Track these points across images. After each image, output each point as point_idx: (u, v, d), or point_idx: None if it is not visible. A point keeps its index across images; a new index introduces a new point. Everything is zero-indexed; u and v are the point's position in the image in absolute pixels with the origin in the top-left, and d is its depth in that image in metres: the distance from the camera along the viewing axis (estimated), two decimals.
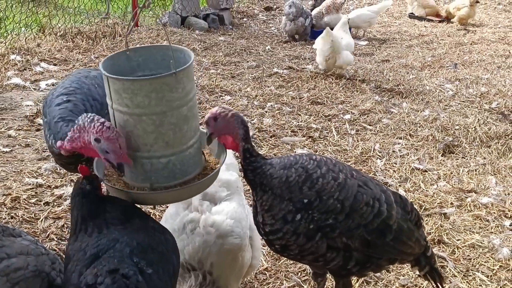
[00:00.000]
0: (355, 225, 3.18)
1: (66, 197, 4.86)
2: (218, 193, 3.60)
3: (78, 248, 2.77)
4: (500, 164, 6.06)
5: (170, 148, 3.05)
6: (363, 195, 3.22)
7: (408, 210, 3.49)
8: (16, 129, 6.07)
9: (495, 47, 11.00)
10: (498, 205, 5.25)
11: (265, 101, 7.52)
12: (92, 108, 3.50)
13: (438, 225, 4.92)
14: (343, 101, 7.72)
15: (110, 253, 2.66)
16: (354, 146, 6.37)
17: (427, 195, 5.40)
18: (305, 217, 3.12)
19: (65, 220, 4.56)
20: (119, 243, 2.70)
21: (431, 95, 8.15)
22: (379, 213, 3.25)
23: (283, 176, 3.15)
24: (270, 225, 3.19)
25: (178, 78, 2.93)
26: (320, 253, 3.20)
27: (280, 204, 3.15)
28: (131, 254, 2.66)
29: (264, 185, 3.17)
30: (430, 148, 6.40)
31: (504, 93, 8.21)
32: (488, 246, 4.68)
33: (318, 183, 3.15)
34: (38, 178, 5.11)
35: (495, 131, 6.79)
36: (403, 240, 3.35)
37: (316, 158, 3.29)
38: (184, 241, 3.39)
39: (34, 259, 2.78)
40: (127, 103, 2.92)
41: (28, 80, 7.45)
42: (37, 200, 4.81)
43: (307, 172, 3.18)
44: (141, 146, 3.02)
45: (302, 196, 3.13)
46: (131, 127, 2.98)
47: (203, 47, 9.99)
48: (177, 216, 3.49)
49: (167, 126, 2.99)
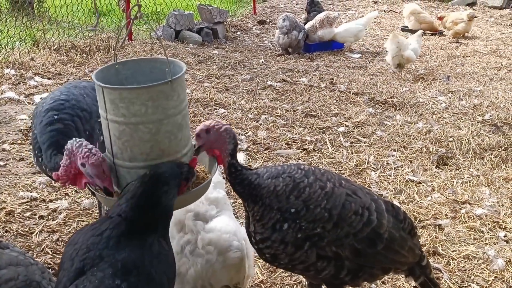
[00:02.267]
0: (344, 234, 3.19)
1: (60, 210, 4.86)
2: (209, 212, 3.61)
3: (69, 255, 2.75)
4: (494, 175, 6.08)
5: (166, 156, 3.08)
6: (352, 204, 3.23)
7: (401, 218, 3.49)
8: (10, 143, 6.06)
9: (487, 59, 11.07)
10: (492, 216, 5.26)
11: (259, 113, 7.54)
12: (81, 120, 3.58)
13: (432, 236, 4.93)
14: (337, 114, 7.75)
15: (93, 271, 2.61)
16: (348, 159, 6.38)
17: (421, 207, 5.42)
18: (292, 226, 3.13)
19: (60, 233, 4.55)
20: (103, 262, 2.64)
21: (424, 107, 8.19)
22: (368, 221, 3.25)
23: (271, 186, 3.17)
24: (260, 234, 3.21)
25: (173, 86, 2.98)
26: (310, 262, 3.21)
27: (270, 213, 3.16)
28: (114, 275, 2.59)
29: (254, 195, 3.18)
30: (424, 160, 6.42)
31: (497, 105, 8.26)
32: (483, 257, 4.69)
33: (305, 192, 3.16)
34: (32, 192, 5.09)
35: (488, 143, 6.82)
36: (395, 249, 3.36)
37: (304, 168, 3.30)
38: (186, 264, 3.39)
39: (24, 269, 2.78)
40: (123, 113, 2.95)
41: (22, 94, 7.45)
42: (32, 213, 4.80)
43: (294, 182, 3.19)
44: (138, 155, 3.04)
45: (289, 206, 3.14)
46: (128, 136, 3.00)
47: (197, 61, 10.02)
48: (172, 239, 3.45)
49: (163, 134, 3.03)
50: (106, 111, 3.01)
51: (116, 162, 3.12)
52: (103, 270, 2.61)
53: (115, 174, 3.19)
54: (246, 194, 3.20)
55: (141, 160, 3.05)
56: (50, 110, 3.60)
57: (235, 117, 7.36)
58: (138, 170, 3.06)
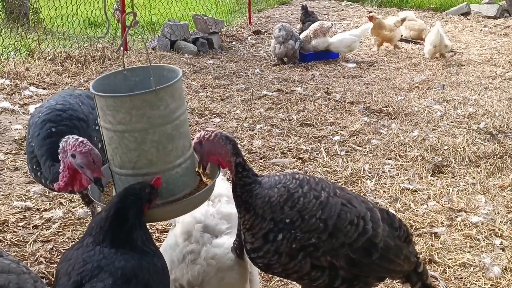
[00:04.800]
0: (339, 244, 3.16)
1: (55, 219, 4.84)
2: (219, 226, 3.55)
3: (65, 270, 2.74)
4: (490, 183, 6.08)
5: (153, 166, 3.05)
6: (347, 214, 3.20)
7: (396, 226, 3.46)
8: (4, 152, 6.04)
9: (482, 68, 11.10)
10: (488, 224, 5.26)
11: (254, 123, 7.54)
12: (79, 131, 3.57)
13: (428, 244, 4.92)
14: (333, 123, 7.75)
15: (92, 283, 2.62)
16: (344, 167, 6.38)
17: (417, 215, 5.41)
18: (287, 237, 3.10)
19: (54, 243, 4.53)
20: (103, 272, 2.65)
21: (419, 116, 8.20)
22: (364, 231, 3.23)
23: (266, 197, 3.14)
24: (250, 243, 3.18)
25: (159, 96, 2.94)
26: (305, 272, 3.18)
27: (261, 223, 3.13)
28: (114, 285, 2.61)
29: (248, 203, 3.16)
30: (419, 168, 6.42)
31: (492, 113, 8.27)
32: (479, 265, 4.68)
33: (299, 203, 3.14)
34: (26, 201, 5.07)
35: (484, 151, 6.82)
36: (391, 258, 3.33)
37: (298, 177, 3.28)
38: (183, 269, 3.35)
39: (16, 277, 2.72)
40: (110, 120, 2.96)
41: (17, 104, 7.44)
42: (26, 223, 4.77)
43: (288, 192, 3.17)
44: (126, 163, 3.04)
45: (284, 216, 3.12)
46: (116, 143, 3.01)
47: (193, 70, 10.02)
48: (177, 247, 3.42)
49: (150, 144, 2.99)
50: (99, 117, 3.03)
51: (112, 168, 3.13)
52: (103, 280, 2.61)
53: (113, 181, 3.20)
54: (242, 200, 3.17)
55: (129, 168, 3.05)
56: (48, 122, 3.59)
57: (231, 126, 7.35)
58: (128, 178, 3.06)
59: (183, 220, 3.50)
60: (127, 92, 3.20)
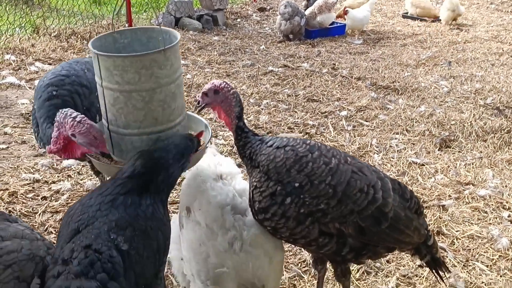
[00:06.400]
0: (348, 211, 3.15)
1: (63, 191, 4.85)
2: (242, 204, 3.46)
3: (65, 223, 2.79)
4: (497, 157, 6.07)
5: (159, 124, 3.12)
6: (357, 181, 3.19)
7: (407, 197, 3.44)
8: (12, 126, 6.05)
9: (488, 45, 11.03)
10: (496, 197, 5.26)
11: (260, 98, 7.52)
12: (80, 96, 3.60)
13: (436, 216, 4.93)
14: (339, 98, 7.73)
15: (88, 229, 2.66)
16: (351, 142, 6.37)
17: (425, 188, 5.41)
18: (295, 201, 3.10)
19: (63, 214, 4.54)
20: (97, 222, 2.69)
21: (426, 91, 8.16)
22: (373, 200, 3.21)
23: (271, 155, 3.15)
24: (258, 202, 3.18)
25: (166, 56, 3.01)
26: (312, 238, 3.18)
27: (267, 182, 3.14)
28: (108, 231, 2.65)
29: (253, 160, 3.19)
30: (426, 143, 6.40)
31: (499, 89, 8.23)
32: (487, 236, 4.68)
33: (308, 167, 3.13)
34: (35, 174, 5.08)
35: (491, 126, 6.80)
36: (400, 228, 3.31)
37: (309, 143, 3.27)
38: (236, 263, 3.27)
39: (29, 243, 2.74)
40: (117, 80, 2.98)
41: (23, 79, 7.42)
42: (35, 195, 4.79)
43: (296, 155, 3.16)
44: (131, 123, 3.08)
45: (292, 179, 3.11)
46: (122, 104, 3.04)
47: (198, 47, 9.98)
48: (215, 235, 3.31)
49: (156, 103, 3.06)
50: (101, 78, 3.04)
51: (111, 128, 3.15)
52: (98, 228, 2.65)
53: (110, 141, 3.21)
54: (247, 158, 3.20)
55: (135, 127, 3.09)
56: (50, 86, 3.61)
57: None
58: (131, 138, 3.11)
59: (204, 209, 3.37)
60: (116, 53, 3.21)
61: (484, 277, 4.25)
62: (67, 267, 2.51)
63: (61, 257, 2.58)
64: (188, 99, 6.98)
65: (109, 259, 2.54)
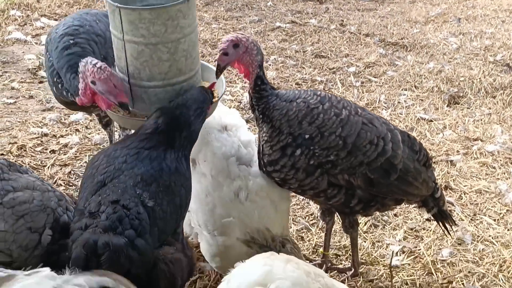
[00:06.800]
0: (358, 163, 3.16)
1: (71, 145, 4.86)
2: (248, 155, 3.49)
3: (90, 174, 2.81)
4: (506, 114, 6.03)
5: (182, 74, 3.15)
6: (367, 133, 3.19)
7: (416, 149, 3.45)
8: (19, 81, 6.02)
9: (499, 2, 10.82)
10: (505, 152, 5.25)
11: (268, 54, 7.45)
12: (97, 45, 3.56)
13: (444, 171, 4.93)
14: (348, 54, 7.64)
15: (114, 183, 2.68)
16: (359, 98, 6.33)
17: (433, 144, 5.40)
18: (305, 153, 3.10)
19: (72, 167, 4.57)
20: (123, 175, 2.72)
21: (435, 48, 8.07)
22: (383, 151, 3.22)
23: (284, 109, 3.13)
24: (268, 155, 3.18)
25: (189, 5, 3.03)
26: (321, 189, 3.20)
27: (278, 136, 3.13)
28: (134, 186, 2.67)
29: (266, 115, 3.16)
30: (435, 99, 6.36)
31: (509, 46, 8.11)
32: (495, 191, 4.69)
33: (319, 119, 3.12)
34: (43, 128, 5.09)
35: (500, 82, 6.74)
36: (409, 180, 3.33)
37: (320, 94, 3.25)
38: (242, 212, 3.30)
39: (40, 194, 2.76)
40: (143, 33, 2.97)
41: (29, 34, 7.36)
42: (43, 148, 4.80)
43: (308, 107, 3.15)
44: (156, 75, 3.09)
45: (303, 131, 3.11)
46: (147, 57, 3.04)
47: (204, 2, 9.84)
48: (221, 186, 3.34)
49: (181, 53, 3.08)
50: (123, 32, 3.00)
51: (132, 82, 3.12)
52: (125, 182, 2.67)
53: (130, 95, 3.19)
54: (259, 111, 3.18)
55: (159, 79, 3.10)
56: (65, 35, 3.56)
57: None
58: (156, 90, 3.12)
59: (209, 160, 3.39)
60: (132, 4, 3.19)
61: (491, 230, 4.27)
62: (94, 221, 2.53)
63: (88, 210, 2.60)
64: None
65: (137, 216, 2.57)
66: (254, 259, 2.49)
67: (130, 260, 2.48)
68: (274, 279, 2.27)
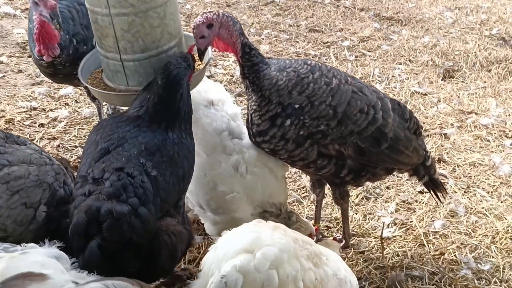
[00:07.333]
0: (348, 132, 3.11)
1: (61, 119, 4.79)
2: (238, 128, 3.43)
3: (93, 140, 2.79)
4: (501, 87, 5.99)
5: (173, 39, 3.11)
6: (357, 101, 3.13)
7: (407, 118, 3.40)
8: (8, 55, 5.93)
9: None
10: (499, 125, 5.21)
11: (261, 28, 7.36)
12: (78, 13, 3.50)
13: (438, 144, 4.89)
14: (342, 29, 7.56)
15: (118, 151, 2.65)
16: (353, 72, 6.26)
17: (427, 117, 5.35)
18: (295, 123, 3.04)
19: (61, 140, 4.51)
20: (127, 143, 2.69)
21: (430, 22, 8.00)
22: (373, 120, 3.17)
23: (273, 78, 3.06)
24: (257, 125, 3.12)
25: None
26: (311, 160, 3.15)
27: (268, 105, 3.06)
28: (138, 155, 2.64)
29: (255, 85, 3.08)
30: (430, 73, 6.31)
31: (505, 20, 8.07)
32: (489, 164, 4.66)
33: (309, 88, 3.06)
34: (32, 102, 5.01)
35: (496, 56, 6.69)
36: (400, 149, 3.28)
37: (310, 63, 3.18)
38: (245, 186, 3.25)
39: (36, 169, 2.69)
40: (132, 2, 2.92)
41: (19, 8, 7.24)
42: (32, 122, 4.73)
43: (298, 76, 3.08)
44: (150, 44, 3.04)
45: (292, 101, 3.04)
46: (138, 26, 2.98)
47: None
48: (218, 163, 3.27)
49: (169, 17, 3.04)
50: (109, 6, 2.94)
51: (125, 58, 3.06)
52: (129, 150, 2.65)
53: (124, 73, 3.13)
54: (249, 81, 3.10)
55: (153, 48, 3.05)
56: None
57: None
58: (151, 60, 3.07)
59: (201, 137, 3.30)
60: None
61: (484, 203, 4.24)
62: (98, 187, 2.49)
63: (92, 176, 2.56)
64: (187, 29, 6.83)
65: (141, 184, 2.53)
66: (241, 227, 2.45)
67: (132, 228, 2.44)
68: (261, 245, 2.23)
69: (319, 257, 2.47)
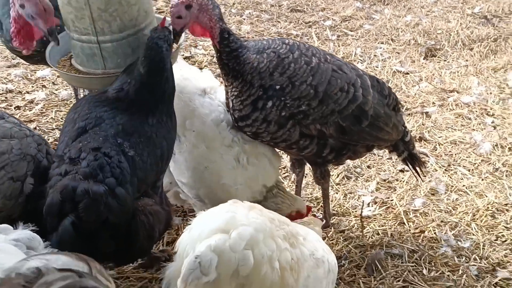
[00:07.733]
0: (329, 111, 3.08)
1: (38, 101, 4.72)
2: None
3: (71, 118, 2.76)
4: (483, 65, 5.97)
5: (148, 16, 3.08)
6: (338, 80, 3.11)
7: (386, 94, 3.40)
8: None
9: None
10: (480, 103, 5.20)
11: (243, 8, 7.28)
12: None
13: (419, 123, 4.88)
14: (324, 8, 7.49)
15: (95, 130, 2.63)
16: (335, 51, 6.21)
17: (408, 96, 5.33)
18: (276, 104, 3.00)
19: (37, 123, 4.45)
20: (105, 123, 2.66)
21: (413, 1, 7.91)
22: (354, 98, 3.15)
23: (254, 62, 3.00)
24: (239, 111, 3.08)
25: None
26: (293, 141, 3.13)
27: (249, 90, 3.01)
28: (115, 135, 2.62)
29: (236, 70, 3.01)
30: (412, 52, 6.27)
31: None
32: (470, 142, 4.66)
33: (290, 68, 3.02)
34: (7, 84, 4.94)
35: (478, 35, 6.65)
36: (380, 126, 3.28)
37: (289, 43, 3.14)
38: (247, 177, 3.22)
39: (18, 142, 2.67)
40: None
41: None
42: (8, 104, 4.66)
43: (279, 57, 3.03)
44: (127, 22, 2.98)
45: (273, 82, 3.00)
46: (116, 5, 2.92)
47: None
48: (219, 155, 3.19)
49: None
50: None
51: (103, 39, 3.00)
52: (106, 130, 2.63)
53: (101, 55, 3.06)
54: (229, 67, 3.02)
55: (131, 26, 3.00)
56: None
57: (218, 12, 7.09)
58: (129, 39, 3.02)
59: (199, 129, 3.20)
60: None
61: (465, 180, 4.24)
62: (75, 167, 2.47)
63: (68, 156, 2.54)
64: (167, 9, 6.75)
65: (118, 164, 2.52)
66: (216, 207, 2.41)
67: (109, 208, 2.43)
68: (236, 225, 2.19)
69: (296, 237, 2.44)
